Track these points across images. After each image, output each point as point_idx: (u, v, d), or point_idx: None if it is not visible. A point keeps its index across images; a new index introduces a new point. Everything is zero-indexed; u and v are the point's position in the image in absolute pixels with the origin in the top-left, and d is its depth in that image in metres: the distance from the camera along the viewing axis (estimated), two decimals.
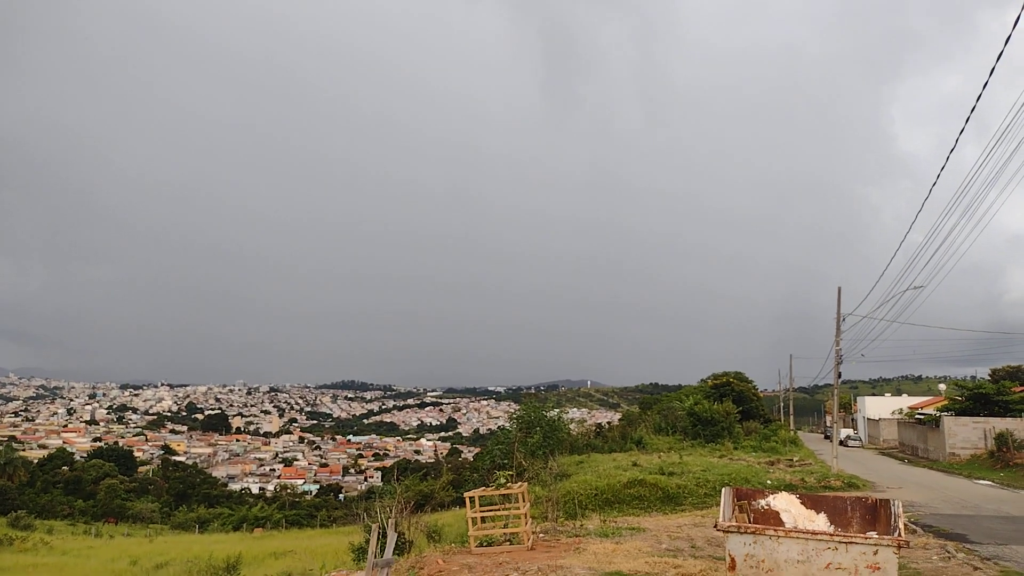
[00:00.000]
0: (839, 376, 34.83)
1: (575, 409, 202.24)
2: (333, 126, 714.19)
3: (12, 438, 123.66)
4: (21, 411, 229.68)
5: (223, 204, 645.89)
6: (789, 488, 23.34)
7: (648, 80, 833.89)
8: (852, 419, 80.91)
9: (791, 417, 78.33)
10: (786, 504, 10.96)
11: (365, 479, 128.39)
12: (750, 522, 10.52)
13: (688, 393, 53.30)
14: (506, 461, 30.26)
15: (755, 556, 8.87)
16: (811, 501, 10.98)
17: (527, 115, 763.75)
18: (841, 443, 47.01)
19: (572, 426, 40.68)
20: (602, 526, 17.33)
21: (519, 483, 15.91)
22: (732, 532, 9.06)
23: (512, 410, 57.24)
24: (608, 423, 60.90)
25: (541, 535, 15.73)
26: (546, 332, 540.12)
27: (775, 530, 8.90)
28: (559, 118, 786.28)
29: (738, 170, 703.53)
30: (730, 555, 9.05)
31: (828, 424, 79.30)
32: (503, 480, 15.26)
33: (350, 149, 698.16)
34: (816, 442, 63.41)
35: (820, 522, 10.60)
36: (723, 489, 10.62)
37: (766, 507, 10.98)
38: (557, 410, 37.79)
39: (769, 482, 25.49)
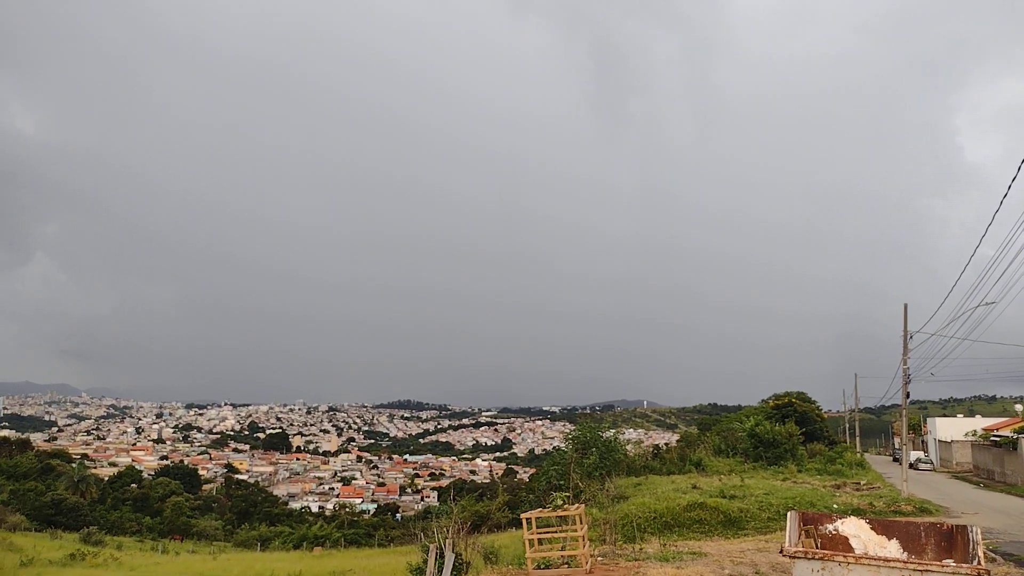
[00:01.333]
0: (907, 396, 33.53)
1: (631, 430, 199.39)
2: (387, 143, 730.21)
3: (84, 456, 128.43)
4: (93, 430, 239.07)
5: (281, 226, 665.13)
6: (857, 513, 22.49)
7: (699, 93, 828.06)
8: (922, 441, 77.61)
9: (857, 439, 75.63)
10: (855, 529, 10.56)
11: (422, 499, 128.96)
12: (817, 547, 10.16)
13: (748, 414, 52.04)
14: (562, 482, 30.02)
15: None
16: (882, 526, 10.55)
17: (578, 130, 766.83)
18: (911, 466, 45.17)
19: (629, 447, 40.12)
20: (662, 550, 16.99)
21: (576, 505, 15.75)
22: (799, 558, 8.75)
23: (567, 430, 56.83)
24: (666, 444, 59.83)
25: (599, 558, 15.50)
26: (601, 351, 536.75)
27: (844, 556, 8.56)
28: (610, 133, 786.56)
29: (793, 182, 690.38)
30: None
31: (897, 446, 76.26)
32: (560, 501, 15.11)
33: (405, 164, 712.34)
34: (884, 465, 61.03)
35: (892, 549, 10.16)
36: (788, 513, 10.30)
37: (834, 532, 10.59)
38: (613, 431, 37.40)
39: (836, 506, 24.64)
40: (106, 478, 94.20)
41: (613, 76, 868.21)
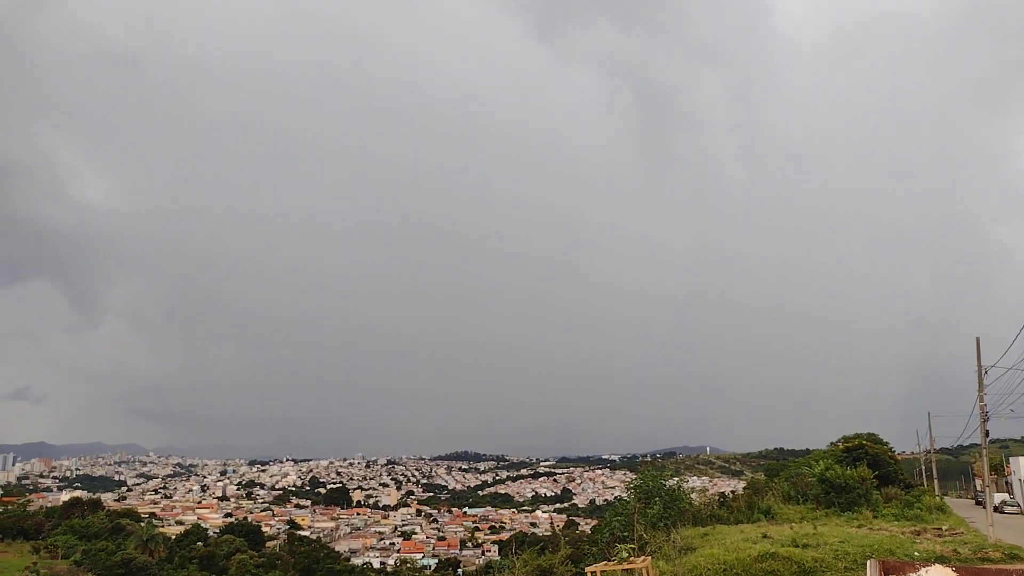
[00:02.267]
0: (987, 435, 31.91)
1: (695, 477, 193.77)
2: (438, 198, 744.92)
3: (152, 515, 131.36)
4: (160, 488, 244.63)
5: (340, 287, 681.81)
6: (941, 560, 21.31)
7: (747, 133, 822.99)
8: (1006, 482, 73.35)
9: (935, 481, 72.01)
10: None
11: (482, 553, 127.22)
12: None
13: (817, 458, 50.15)
14: (626, 534, 29.32)
15: None
16: (970, 574, 10.00)
17: (626, 177, 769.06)
18: (996, 509, 42.63)
19: (693, 495, 38.97)
20: None
21: (642, 557, 15.38)
22: None
23: (628, 479, 55.74)
24: (731, 492, 58.01)
25: None
26: (660, 398, 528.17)
27: None
28: (658, 178, 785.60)
29: (850, 222, 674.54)
30: None
31: (979, 488, 72.16)
32: (625, 554, 14.79)
33: (457, 219, 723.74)
34: (966, 508, 57.76)
35: None
36: (868, 562, 9.89)
37: None
38: (676, 478, 36.45)
39: (917, 554, 23.41)
40: (173, 536, 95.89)
41: (658, 119, 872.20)
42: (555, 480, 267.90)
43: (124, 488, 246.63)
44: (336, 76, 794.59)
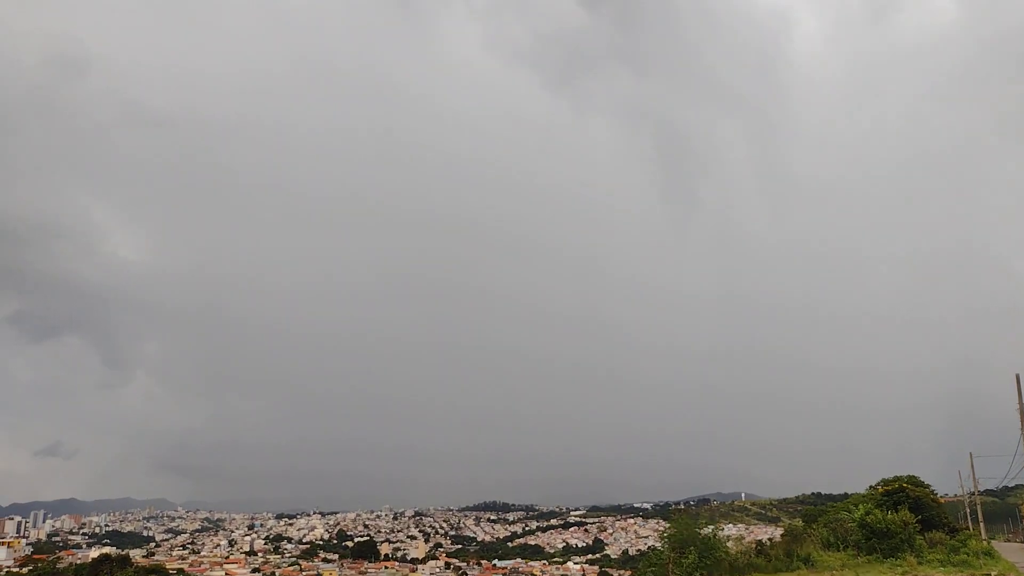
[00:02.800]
0: None
1: (730, 525, 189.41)
2: (458, 246, 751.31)
3: (180, 571, 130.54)
4: (188, 543, 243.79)
5: (360, 342, 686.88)
6: None
7: (767, 176, 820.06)
8: None
9: (981, 524, 69.32)
10: None
11: None
12: None
13: (856, 502, 48.60)
14: None
15: None
16: None
17: (647, 224, 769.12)
18: None
19: (729, 544, 37.90)
20: None
21: None
22: None
23: (661, 528, 54.24)
24: (769, 539, 56.21)
25: None
26: (692, 445, 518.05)
27: None
28: (680, 225, 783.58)
29: (873, 262, 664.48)
30: None
31: None
32: None
33: (481, 270, 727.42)
34: (1015, 553, 55.30)
35: None
36: None
37: None
38: (711, 526, 35.56)
39: None
40: None
41: (679, 164, 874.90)
42: (586, 530, 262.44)
43: (152, 544, 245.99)
44: (361, 130, 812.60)
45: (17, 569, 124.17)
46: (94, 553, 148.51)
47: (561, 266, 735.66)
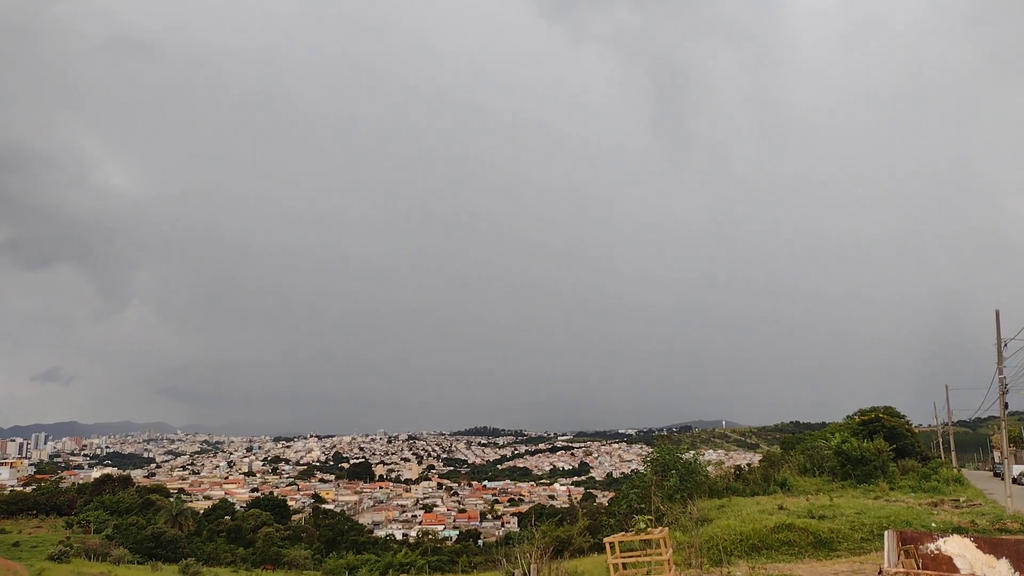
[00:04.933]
0: (1005, 407, 31.97)
1: (711, 451, 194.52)
2: (450, 178, 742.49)
3: (181, 490, 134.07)
4: (188, 465, 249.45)
5: (354, 266, 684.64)
6: (959, 531, 21.57)
7: (764, 109, 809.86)
8: None
9: (952, 454, 71.81)
10: (959, 548, 10.27)
11: (502, 525, 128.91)
12: (918, 568, 9.94)
13: (833, 431, 50.26)
14: (643, 506, 29.82)
15: None
16: (989, 545, 10.21)
17: (643, 158, 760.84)
18: (1015, 481, 42.61)
19: (709, 468, 39.37)
20: (751, 573, 16.79)
21: (659, 528, 15.76)
22: None
23: (644, 453, 56.18)
24: (748, 465, 58.22)
25: None
26: (675, 373, 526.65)
27: None
28: (674, 157, 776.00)
29: (865, 196, 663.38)
30: None
31: (997, 460, 71.88)
32: (643, 525, 15.04)
33: (471, 201, 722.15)
34: (984, 480, 57.66)
35: (1002, 568, 9.83)
36: (886, 532, 10.13)
37: (936, 551, 10.33)
38: (692, 452, 36.88)
39: (934, 525, 23.65)
40: (201, 511, 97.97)
41: (675, 98, 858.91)
42: (572, 454, 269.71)
43: (153, 465, 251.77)
44: (352, 59, 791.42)
45: (21, 488, 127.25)
46: (96, 473, 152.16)
47: (553, 197, 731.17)
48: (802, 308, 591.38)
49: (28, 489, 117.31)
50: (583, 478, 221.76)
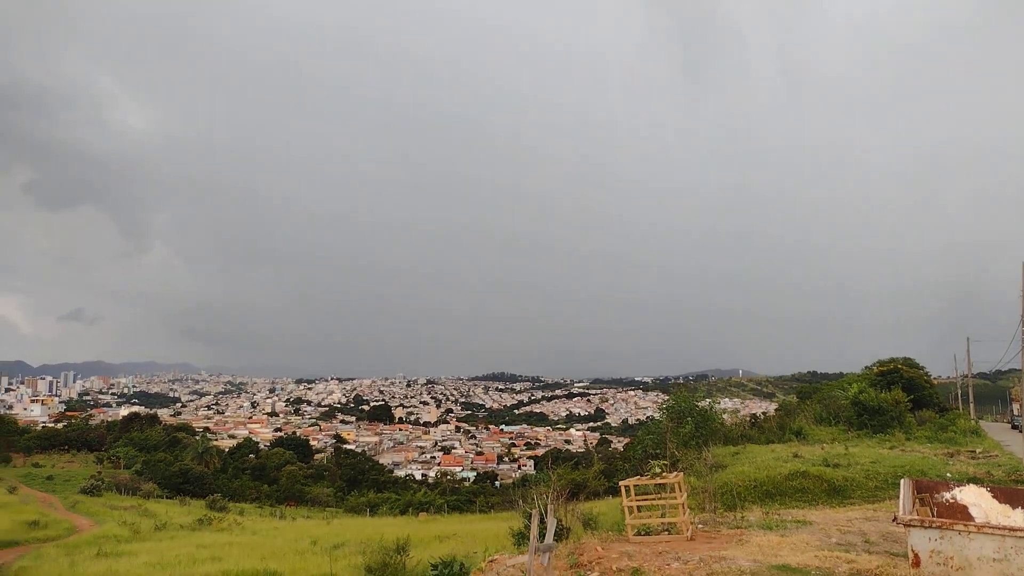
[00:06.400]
0: None
1: (727, 399, 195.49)
2: (463, 144, 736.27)
3: (206, 429, 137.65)
4: (212, 405, 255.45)
5: (376, 221, 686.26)
6: (975, 481, 21.60)
7: (788, 59, 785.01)
8: None
9: (971, 405, 71.56)
10: (975, 498, 10.30)
11: (519, 467, 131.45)
12: (933, 516, 9.98)
13: (851, 381, 50.07)
14: (658, 451, 30.12)
15: (942, 553, 8.38)
16: (1005, 495, 10.22)
17: (664, 92, 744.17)
18: None
19: (725, 416, 39.55)
20: (764, 518, 16.97)
21: (674, 473, 15.92)
22: (915, 526, 8.59)
23: (660, 400, 56.55)
24: (763, 413, 58.53)
25: (700, 526, 15.66)
26: (693, 321, 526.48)
27: (965, 525, 8.39)
28: (695, 95, 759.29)
29: (888, 149, 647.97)
30: (913, 551, 8.63)
31: (1015, 412, 71.64)
32: (658, 469, 15.18)
33: (481, 164, 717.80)
34: (1002, 432, 57.44)
35: (1017, 518, 9.85)
36: (902, 481, 10.16)
37: (951, 500, 10.36)
38: (708, 400, 36.98)
39: (950, 475, 23.67)
40: (227, 449, 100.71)
41: (699, 41, 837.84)
42: (589, 400, 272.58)
43: (179, 404, 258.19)
44: (360, 26, 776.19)
45: (52, 424, 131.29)
46: (124, 412, 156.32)
47: (563, 163, 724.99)
48: (820, 263, 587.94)
49: (60, 426, 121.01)
50: (599, 424, 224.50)
